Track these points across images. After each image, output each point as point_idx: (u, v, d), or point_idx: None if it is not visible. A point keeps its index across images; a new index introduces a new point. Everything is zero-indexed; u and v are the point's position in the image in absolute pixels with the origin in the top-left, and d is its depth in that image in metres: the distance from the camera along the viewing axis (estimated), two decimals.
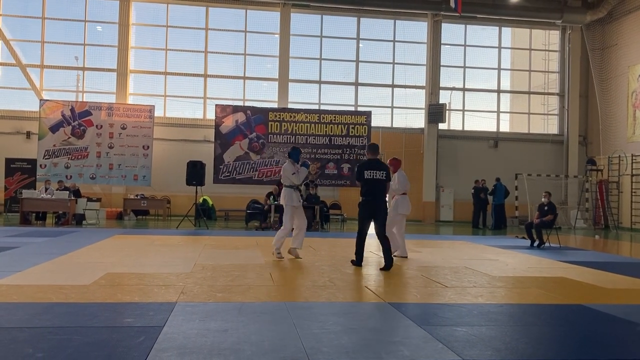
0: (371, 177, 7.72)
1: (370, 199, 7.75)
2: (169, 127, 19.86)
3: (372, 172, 7.72)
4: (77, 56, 20.12)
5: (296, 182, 8.64)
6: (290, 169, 8.64)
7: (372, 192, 7.74)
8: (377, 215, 7.79)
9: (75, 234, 12.02)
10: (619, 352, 3.95)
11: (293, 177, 8.60)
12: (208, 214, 18.16)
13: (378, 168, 7.78)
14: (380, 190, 7.80)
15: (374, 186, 7.74)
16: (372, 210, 7.77)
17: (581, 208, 20.20)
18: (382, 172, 7.78)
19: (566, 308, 5.40)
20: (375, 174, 7.73)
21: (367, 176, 7.73)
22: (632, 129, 19.50)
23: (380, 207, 7.80)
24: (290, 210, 8.61)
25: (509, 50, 23.17)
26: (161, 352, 3.57)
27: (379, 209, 7.80)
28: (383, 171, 7.80)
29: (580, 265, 8.68)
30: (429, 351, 3.80)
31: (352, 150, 19.31)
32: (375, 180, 7.73)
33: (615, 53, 20.41)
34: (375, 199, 7.76)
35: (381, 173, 7.77)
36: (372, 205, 7.76)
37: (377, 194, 7.78)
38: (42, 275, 6.46)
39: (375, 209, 7.77)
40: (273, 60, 20.77)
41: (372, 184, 7.73)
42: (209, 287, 5.94)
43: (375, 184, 7.73)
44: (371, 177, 7.72)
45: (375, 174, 7.72)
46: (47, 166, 18.36)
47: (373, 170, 7.73)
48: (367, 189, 7.75)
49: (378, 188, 7.77)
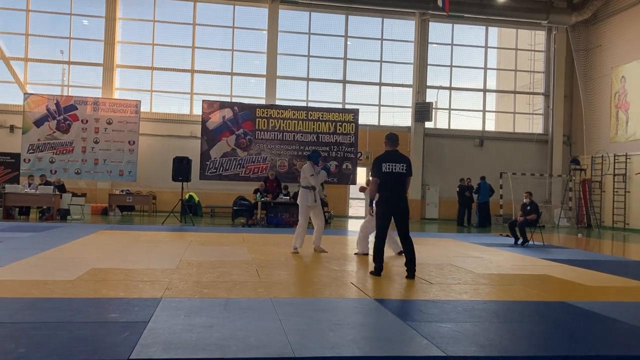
0: (390, 171, 6.89)
1: (390, 194, 6.89)
2: (156, 122, 19.75)
3: (391, 165, 6.90)
4: (63, 50, 19.92)
5: (314, 183, 9.00)
6: (309, 170, 9.07)
7: (391, 187, 6.89)
8: (397, 213, 6.94)
9: (60, 229, 11.91)
10: (600, 348, 4.01)
11: (311, 178, 9.01)
12: (194, 210, 18.10)
13: (398, 160, 6.95)
14: (401, 185, 6.96)
15: (393, 180, 6.90)
16: (392, 206, 6.92)
17: (564, 207, 20.42)
18: (402, 165, 6.94)
19: (549, 305, 5.47)
20: (395, 166, 6.90)
21: (385, 169, 6.89)
22: (614, 129, 19.74)
23: (401, 203, 6.95)
24: (304, 210, 9.02)
25: (495, 50, 23.34)
26: (146, 348, 3.56)
27: (400, 206, 6.93)
28: (404, 164, 6.97)
29: (563, 263, 8.78)
30: (414, 347, 3.83)
31: (340, 147, 19.32)
32: (395, 174, 6.90)
33: (599, 54, 20.63)
34: (396, 194, 6.91)
35: (401, 166, 6.93)
36: (391, 202, 6.90)
37: (398, 189, 6.93)
38: (26, 271, 6.40)
39: (395, 206, 6.92)
40: (261, 57, 20.73)
41: (391, 178, 6.89)
42: (195, 283, 5.93)
43: (394, 178, 6.90)
44: (390, 171, 6.89)
45: (394, 166, 6.90)
46: (32, 160, 18.16)
47: (392, 163, 6.91)
48: (385, 184, 6.90)
49: (398, 182, 6.92)
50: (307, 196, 8.95)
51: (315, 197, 9.01)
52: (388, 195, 6.90)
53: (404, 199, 7.00)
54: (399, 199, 6.94)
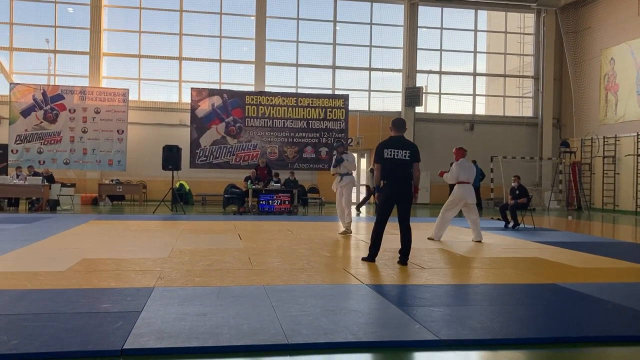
0: (391, 157, 6.65)
1: (391, 182, 6.69)
2: (144, 111, 19.58)
3: (394, 151, 6.66)
4: (48, 39, 19.64)
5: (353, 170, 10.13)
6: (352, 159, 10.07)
7: (393, 174, 6.67)
8: (400, 201, 6.75)
9: (50, 219, 11.83)
10: (591, 329, 4.06)
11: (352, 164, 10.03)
12: (185, 198, 18.03)
13: (401, 147, 6.71)
14: (404, 172, 6.69)
15: (395, 166, 6.66)
16: (394, 194, 6.71)
17: (555, 189, 20.55)
18: (405, 152, 6.68)
19: (540, 287, 5.51)
20: (397, 153, 6.65)
21: (387, 155, 6.66)
22: (604, 111, 19.83)
23: (402, 192, 6.71)
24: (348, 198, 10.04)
25: (484, 33, 23.29)
26: (139, 337, 3.55)
27: (402, 194, 6.71)
28: (407, 150, 6.70)
29: (553, 245, 8.85)
30: (407, 332, 3.85)
31: (330, 133, 19.29)
32: (397, 161, 6.65)
33: (588, 36, 20.66)
34: (397, 181, 6.69)
35: (405, 152, 6.67)
36: (393, 189, 6.69)
37: (400, 176, 6.68)
38: (16, 262, 6.36)
39: (397, 194, 6.71)
40: (249, 43, 20.56)
41: (393, 164, 6.66)
42: (187, 272, 5.92)
43: (396, 165, 6.66)
44: (391, 157, 6.65)
45: (396, 153, 6.66)
46: (19, 151, 17.98)
47: (394, 149, 6.67)
48: (387, 171, 6.69)
49: (400, 169, 6.67)
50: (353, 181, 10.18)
51: None
52: (390, 182, 6.72)
53: (407, 186, 6.73)
54: (401, 185, 6.71)
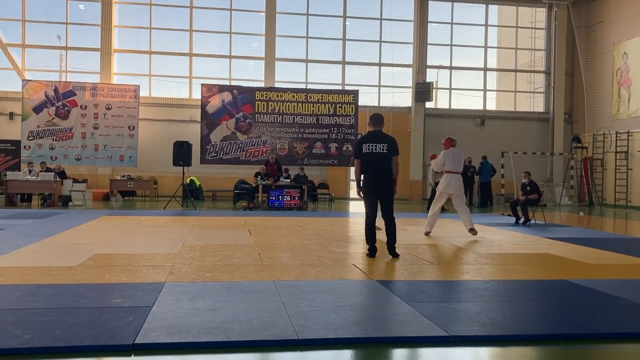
0: (369, 151, 6.82)
1: (371, 176, 6.85)
2: (155, 107, 19.68)
3: (371, 146, 6.83)
4: (60, 35, 19.77)
5: None
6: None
7: (372, 167, 6.84)
8: (380, 195, 6.89)
9: (62, 215, 11.93)
10: (603, 325, 4.03)
11: None
12: (195, 194, 18.12)
13: (379, 140, 6.86)
14: (381, 166, 6.82)
15: (374, 160, 6.81)
16: (373, 188, 6.87)
17: (566, 185, 20.41)
18: (383, 145, 6.82)
19: (551, 283, 5.48)
20: (375, 147, 6.82)
21: (365, 150, 6.84)
22: (616, 106, 19.64)
23: (382, 185, 6.85)
24: None
25: (495, 28, 23.13)
26: (150, 332, 3.58)
27: (381, 188, 6.86)
28: (384, 144, 6.84)
29: (564, 241, 8.79)
30: (416, 327, 3.85)
31: (340, 129, 19.28)
32: (375, 154, 6.81)
33: (601, 30, 20.44)
34: (377, 175, 6.82)
35: (382, 146, 6.82)
36: (373, 183, 6.85)
37: (378, 170, 6.82)
38: (29, 257, 6.42)
39: (376, 188, 6.87)
40: (259, 39, 20.57)
41: (372, 158, 6.81)
42: (197, 267, 5.95)
43: (374, 159, 6.81)
44: (369, 151, 6.82)
45: (375, 147, 6.82)
46: (32, 147, 18.14)
47: (372, 143, 6.85)
48: (366, 164, 6.86)
49: (378, 163, 6.81)
50: None
51: None
52: (370, 177, 6.88)
53: (386, 179, 6.87)
54: (381, 179, 6.85)
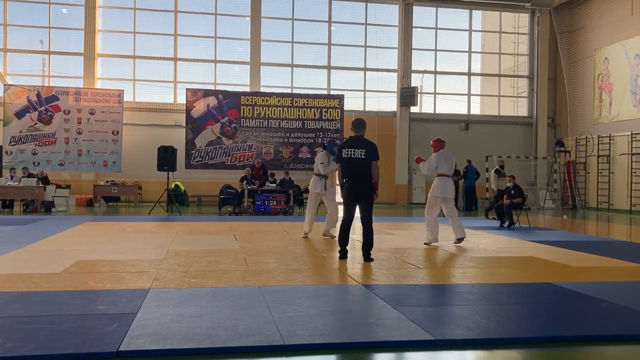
0: (348, 156, 6.91)
1: (351, 180, 6.94)
2: (139, 111, 19.54)
3: (350, 151, 6.91)
4: (42, 39, 19.58)
5: (322, 172, 9.27)
6: (320, 159, 9.32)
7: (350, 172, 6.94)
8: (358, 199, 6.98)
9: (45, 221, 11.79)
10: (587, 328, 4.07)
11: (321, 166, 9.24)
12: (180, 199, 18.00)
13: (357, 146, 6.93)
14: (360, 171, 6.91)
15: (352, 165, 6.92)
16: (352, 193, 6.97)
17: (550, 189, 20.61)
18: (361, 151, 6.89)
19: (535, 286, 5.52)
20: (354, 152, 6.89)
21: (344, 155, 6.95)
22: (598, 110, 19.90)
23: (360, 190, 6.94)
24: (313, 197, 9.47)
25: (479, 33, 23.34)
26: (135, 339, 3.54)
27: (360, 193, 6.95)
28: (363, 149, 6.90)
29: (549, 244, 8.87)
30: (403, 331, 3.85)
31: (325, 134, 19.30)
32: (354, 160, 6.89)
33: (582, 36, 20.72)
34: (356, 180, 6.92)
35: (360, 151, 6.89)
36: (352, 187, 6.94)
37: (356, 175, 6.92)
38: (11, 264, 6.33)
39: (354, 193, 6.96)
40: (244, 44, 20.54)
41: (350, 164, 6.92)
42: (183, 273, 5.90)
43: (353, 164, 6.91)
44: (348, 156, 6.91)
45: (353, 152, 6.89)
46: (14, 153, 17.91)
47: (351, 149, 6.93)
48: (345, 169, 6.98)
49: (356, 168, 6.91)
50: (317, 183, 9.31)
51: (325, 185, 9.30)
52: (349, 181, 6.99)
53: (365, 184, 6.95)
54: (359, 184, 6.95)
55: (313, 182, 9.42)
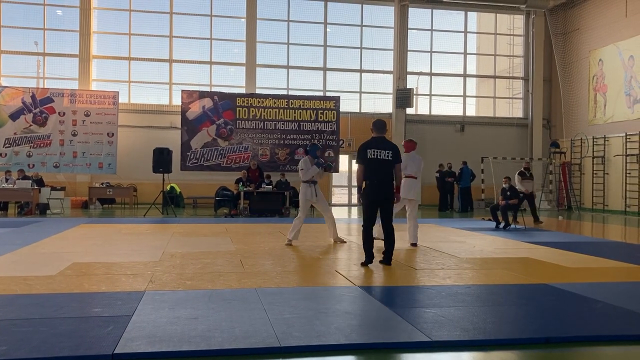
0: (375, 157, 6.67)
1: (375, 182, 6.67)
2: (134, 113, 19.48)
3: (377, 152, 6.69)
4: (37, 41, 19.50)
5: (302, 178, 8.84)
6: (302, 164, 8.90)
7: (376, 174, 6.68)
8: (383, 201, 6.74)
9: (39, 223, 11.75)
10: (582, 328, 4.08)
11: (301, 172, 8.85)
12: (176, 201, 17.96)
13: (383, 147, 6.74)
14: (387, 172, 6.72)
15: (379, 167, 6.68)
16: (378, 194, 6.70)
17: (545, 190, 20.66)
18: (387, 152, 6.71)
19: (531, 287, 5.54)
20: (380, 153, 6.69)
21: (370, 155, 6.68)
22: (593, 112, 19.97)
23: (386, 191, 6.73)
24: (304, 204, 8.91)
25: (474, 34, 23.38)
26: (130, 342, 3.53)
27: (385, 195, 6.72)
28: (389, 150, 6.74)
29: (544, 245, 8.89)
30: (399, 333, 3.85)
31: (321, 135, 19.30)
32: (380, 161, 6.68)
33: (577, 37, 20.80)
34: (381, 182, 6.69)
35: (387, 153, 6.71)
36: (376, 189, 6.68)
37: (383, 177, 6.70)
38: (5, 267, 6.30)
39: (381, 194, 6.71)
40: (240, 45, 20.52)
41: (376, 165, 6.67)
42: (178, 275, 5.89)
43: (379, 165, 6.68)
44: (375, 157, 6.67)
45: (379, 153, 6.69)
46: (8, 155, 17.84)
47: (378, 149, 6.70)
48: (370, 171, 6.68)
49: (383, 169, 6.70)
50: (306, 190, 8.83)
51: (315, 191, 8.86)
52: (373, 183, 6.69)
53: (390, 187, 6.76)
54: (384, 186, 6.72)
55: (303, 190, 8.91)
